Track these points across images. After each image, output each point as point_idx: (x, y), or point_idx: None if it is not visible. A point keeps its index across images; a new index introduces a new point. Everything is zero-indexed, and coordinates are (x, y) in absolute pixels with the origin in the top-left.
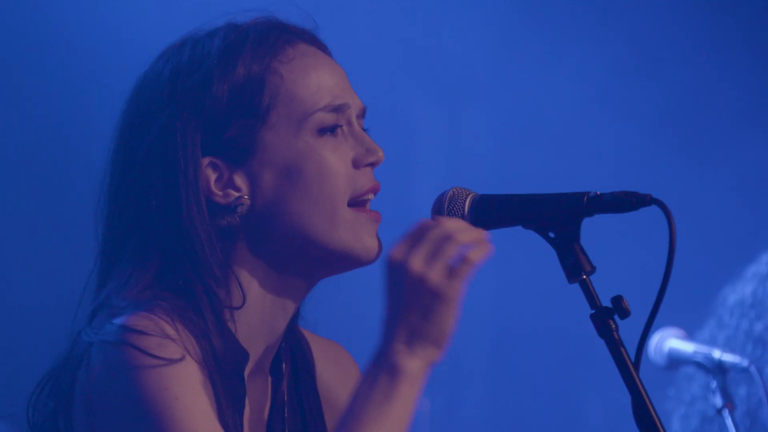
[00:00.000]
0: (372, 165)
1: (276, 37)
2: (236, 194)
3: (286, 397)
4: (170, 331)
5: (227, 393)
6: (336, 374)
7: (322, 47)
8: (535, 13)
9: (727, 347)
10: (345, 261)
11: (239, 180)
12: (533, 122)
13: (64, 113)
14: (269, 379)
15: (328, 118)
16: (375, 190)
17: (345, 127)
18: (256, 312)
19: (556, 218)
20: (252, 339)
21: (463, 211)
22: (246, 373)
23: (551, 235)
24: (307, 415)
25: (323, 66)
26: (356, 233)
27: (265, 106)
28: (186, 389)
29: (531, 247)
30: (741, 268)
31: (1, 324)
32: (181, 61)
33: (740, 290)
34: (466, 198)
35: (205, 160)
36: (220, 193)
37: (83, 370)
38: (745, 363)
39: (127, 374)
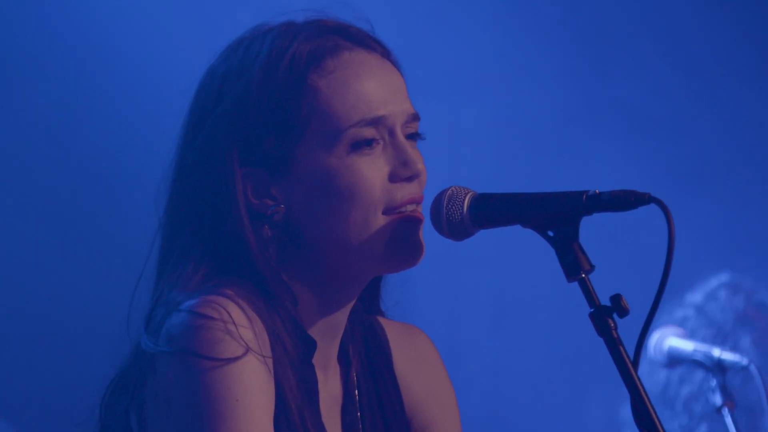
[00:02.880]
0: (409, 180)
1: (319, 46)
2: (271, 203)
3: (356, 383)
4: (236, 313)
5: (299, 380)
6: (413, 358)
7: (375, 49)
8: (533, 11)
9: None
10: (383, 266)
11: (276, 191)
12: (532, 121)
13: (63, 113)
14: (338, 368)
15: (364, 133)
16: (414, 202)
17: (386, 138)
18: (313, 307)
19: (555, 217)
20: (314, 330)
21: (462, 210)
22: (315, 361)
23: (550, 233)
24: (384, 400)
25: (366, 76)
26: (390, 239)
27: (301, 121)
28: (246, 389)
29: (530, 246)
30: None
31: (1, 324)
32: (233, 63)
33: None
34: (464, 197)
35: (244, 170)
36: (257, 202)
37: (151, 367)
38: (744, 361)
39: (189, 375)
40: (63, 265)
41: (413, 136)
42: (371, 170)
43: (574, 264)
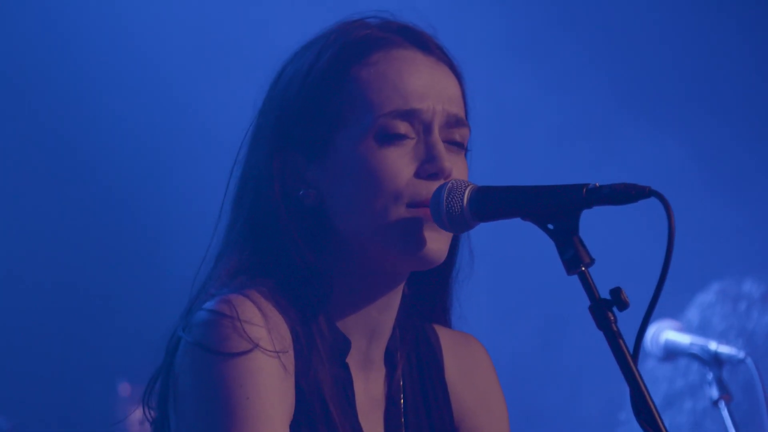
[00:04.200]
0: (435, 177)
1: (370, 39)
2: (305, 188)
3: (402, 386)
4: (249, 311)
5: (328, 379)
6: (465, 367)
7: (432, 52)
8: (531, 6)
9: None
10: (401, 260)
11: (311, 175)
12: (532, 114)
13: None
14: (384, 371)
15: (394, 124)
16: None
17: (421, 135)
18: (348, 303)
19: (555, 210)
20: (349, 330)
21: (462, 203)
22: (351, 361)
23: (550, 227)
24: (432, 406)
25: (409, 71)
26: (408, 231)
27: (337, 108)
28: (254, 385)
29: (530, 239)
30: (690, 296)
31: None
32: (294, 57)
33: (687, 317)
34: (464, 190)
35: (284, 153)
36: (293, 185)
37: (174, 364)
38: (741, 355)
39: (199, 369)
40: (62, 263)
41: (456, 144)
42: (397, 162)
43: (574, 257)
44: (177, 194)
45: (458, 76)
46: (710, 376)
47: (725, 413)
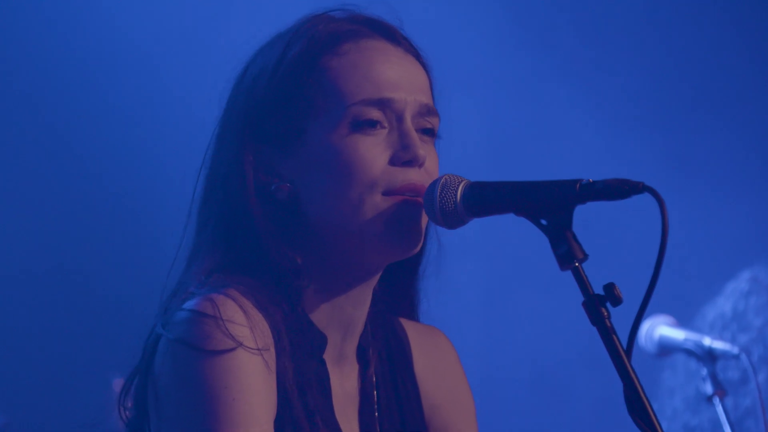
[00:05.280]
0: (409, 164)
1: (339, 30)
2: (278, 182)
3: (374, 382)
4: (231, 311)
5: (307, 375)
6: (433, 360)
7: (400, 43)
8: (527, 4)
9: None
10: (377, 248)
11: (282, 168)
12: (525, 111)
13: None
14: (357, 367)
15: (367, 112)
16: (414, 188)
17: (393, 123)
18: (323, 299)
19: (549, 205)
20: (324, 325)
21: (456, 198)
22: (326, 357)
23: (543, 222)
24: (403, 402)
25: (379, 61)
26: (384, 220)
27: (308, 98)
28: (240, 384)
29: (523, 235)
30: (720, 285)
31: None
32: (262, 50)
33: (720, 306)
34: (458, 185)
35: (254, 147)
36: (265, 179)
37: (153, 364)
38: (735, 351)
39: (182, 369)
40: (58, 260)
41: (428, 132)
42: (371, 150)
43: (567, 252)
44: (175, 193)
45: (425, 67)
46: (704, 371)
47: (719, 409)
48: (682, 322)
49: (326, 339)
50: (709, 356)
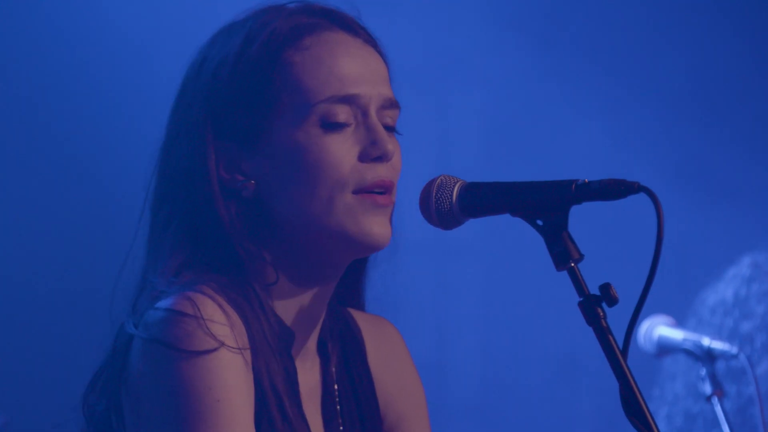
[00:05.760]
0: (379, 160)
1: (299, 24)
2: (242, 178)
3: (335, 377)
4: (210, 310)
5: (279, 372)
6: (384, 350)
7: (359, 34)
8: (526, 3)
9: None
10: (346, 245)
11: (247, 165)
12: (522, 110)
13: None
14: (318, 360)
15: (334, 110)
16: (381, 186)
17: (359, 119)
18: (290, 295)
19: (544, 206)
20: (291, 321)
21: (451, 199)
22: (293, 353)
23: (539, 222)
24: (359, 393)
25: (342, 54)
26: (355, 218)
27: (272, 95)
28: (224, 384)
29: (519, 235)
30: (720, 270)
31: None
32: (217, 41)
33: (721, 291)
34: (454, 186)
35: (217, 143)
36: (228, 176)
37: (128, 363)
38: (734, 350)
39: (164, 371)
40: (58, 260)
41: (389, 129)
42: (340, 148)
43: (563, 253)
44: None
45: (383, 56)
46: (703, 371)
47: (718, 409)
48: (680, 320)
49: (294, 335)
50: (707, 356)
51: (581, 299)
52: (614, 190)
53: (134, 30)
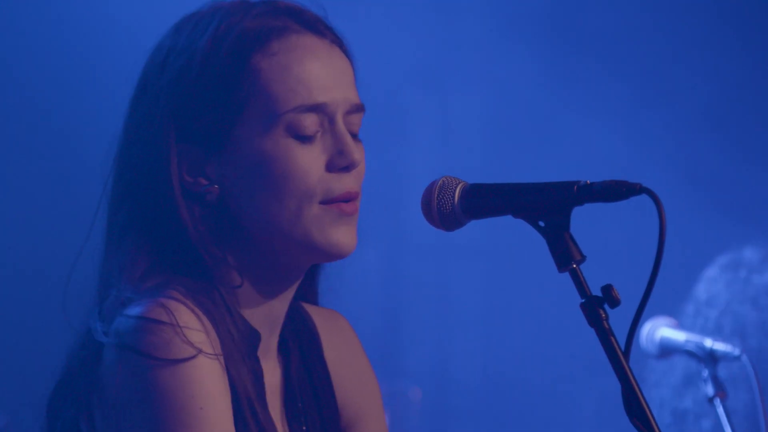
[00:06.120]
0: (346, 170)
1: (266, 27)
2: (205, 183)
3: (295, 375)
4: (186, 316)
5: (250, 374)
6: (339, 344)
7: (325, 35)
8: (526, 3)
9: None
10: (313, 254)
11: (211, 170)
12: (525, 112)
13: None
14: (279, 359)
15: (302, 119)
16: (350, 197)
17: (326, 126)
18: (254, 296)
19: (546, 207)
20: (255, 322)
21: (453, 200)
22: (258, 354)
23: (541, 224)
24: (318, 389)
25: (309, 60)
26: (321, 228)
27: (240, 101)
28: (206, 391)
29: (521, 237)
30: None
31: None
32: (181, 37)
33: (695, 294)
34: (456, 187)
35: (180, 146)
36: (191, 180)
37: (100, 372)
38: (736, 352)
39: (143, 381)
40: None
41: (354, 135)
42: (307, 158)
43: (565, 254)
44: None
45: (349, 56)
46: (705, 373)
47: (720, 410)
48: (682, 322)
49: (260, 336)
50: (710, 357)
51: (583, 300)
52: (616, 191)
53: (137, 30)
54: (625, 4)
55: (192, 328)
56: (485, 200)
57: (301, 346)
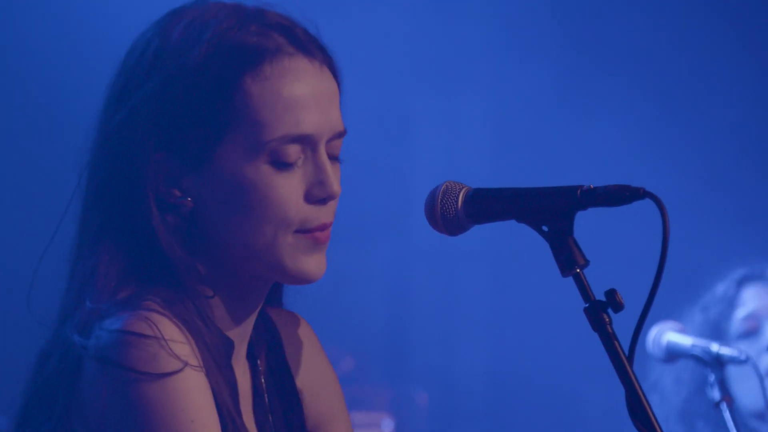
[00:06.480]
0: (323, 201)
1: (260, 47)
2: (179, 194)
3: (262, 379)
4: (169, 329)
5: (226, 384)
6: (301, 346)
7: (316, 56)
8: (531, 5)
9: None
10: (282, 279)
11: (187, 183)
12: (530, 115)
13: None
14: (248, 364)
15: (287, 149)
16: (326, 228)
17: (308, 153)
18: (225, 305)
19: (550, 212)
20: (227, 330)
21: (457, 205)
22: (233, 362)
23: (545, 228)
24: (283, 393)
25: (300, 87)
26: (294, 257)
27: (227, 121)
28: (196, 405)
29: (525, 241)
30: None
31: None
32: (171, 39)
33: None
34: (459, 192)
35: (160, 155)
36: (165, 190)
37: (79, 387)
38: (743, 356)
39: (131, 396)
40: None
41: (334, 158)
42: (287, 188)
43: (568, 259)
44: None
45: (338, 75)
46: (712, 377)
47: (727, 415)
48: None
49: (234, 345)
50: (716, 362)
51: (587, 305)
52: (619, 195)
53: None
54: (637, 9)
55: (176, 340)
56: (489, 205)
57: (266, 349)
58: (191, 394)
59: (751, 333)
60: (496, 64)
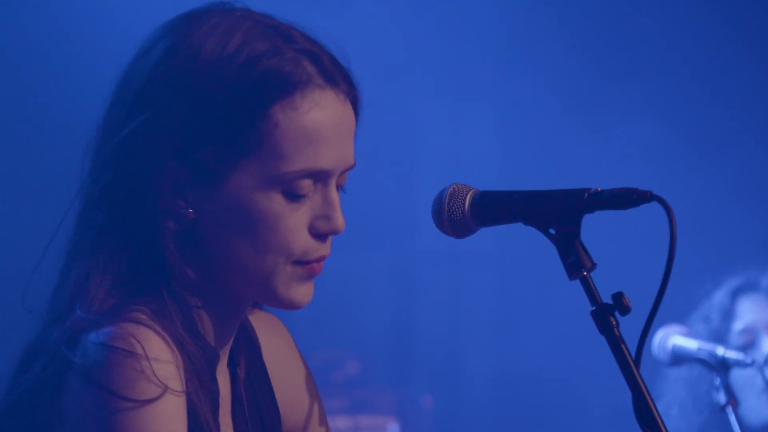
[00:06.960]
0: (326, 236)
1: (293, 76)
2: (183, 205)
3: (241, 384)
4: (156, 347)
5: (208, 395)
6: (277, 347)
7: (342, 89)
8: (538, 9)
9: None
10: (270, 302)
11: (192, 196)
12: (536, 118)
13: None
14: (228, 371)
15: (302, 183)
16: (322, 260)
17: (319, 186)
18: (213, 316)
19: (557, 215)
20: (212, 339)
21: (464, 207)
22: (216, 372)
23: (552, 231)
24: (261, 397)
25: (324, 122)
26: (288, 285)
27: (248, 146)
28: (170, 430)
29: (532, 244)
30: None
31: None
32: (200, 47)
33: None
34: (466, 195)
35: (173, 163)
36: (169, 197)
37: (62, 399)
38: (749, 360)
39: (107, 419)
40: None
41: (339, 188)
42: (294, 219)
43: (575, 262)
44: None
45: (357, 109)
46: (717, 381)
47: (732, 418)
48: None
49: (218, 355)
50: (722, 365)
51: (594, 308)
52: (626, 198)
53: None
54: (644, 14)
55: (162, 360)
56: (495, 207)
57: (246, 357)
58: (167, 422)
59: (747, 347)
60: (504, 67)
